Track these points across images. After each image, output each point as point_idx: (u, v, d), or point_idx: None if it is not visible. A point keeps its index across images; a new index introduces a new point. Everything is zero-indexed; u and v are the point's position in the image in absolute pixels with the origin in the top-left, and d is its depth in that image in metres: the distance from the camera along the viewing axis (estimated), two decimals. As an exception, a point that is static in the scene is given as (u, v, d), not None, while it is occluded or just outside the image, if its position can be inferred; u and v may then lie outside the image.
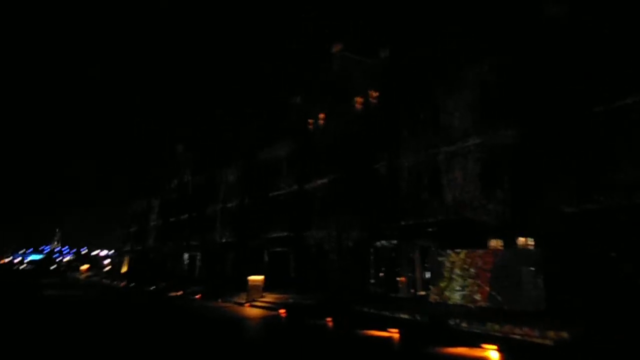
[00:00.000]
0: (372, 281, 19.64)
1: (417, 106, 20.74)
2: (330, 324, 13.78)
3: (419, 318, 12.34)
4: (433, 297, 15.29)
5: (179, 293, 25.78)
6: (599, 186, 14.05)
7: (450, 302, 14.59)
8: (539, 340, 9.18)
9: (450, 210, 18.54)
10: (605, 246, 13.53)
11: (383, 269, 19.39)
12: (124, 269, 57.36)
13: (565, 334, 8.96)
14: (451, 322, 11.27)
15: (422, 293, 17.55)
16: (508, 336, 9.76)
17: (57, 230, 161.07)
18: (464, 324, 10.99)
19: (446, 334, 10.80)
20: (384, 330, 12.18)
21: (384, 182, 21.74)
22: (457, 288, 14.42)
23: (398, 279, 19.20)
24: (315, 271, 25.27)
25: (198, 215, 41.05)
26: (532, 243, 15.47)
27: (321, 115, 27.17)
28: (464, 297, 14.19)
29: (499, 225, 16.78)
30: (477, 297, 13.80)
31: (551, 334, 9.12)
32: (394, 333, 11.87)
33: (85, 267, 60.53)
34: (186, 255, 42.39)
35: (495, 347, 9.50)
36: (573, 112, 14.80)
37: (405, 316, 12.74)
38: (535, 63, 16.10)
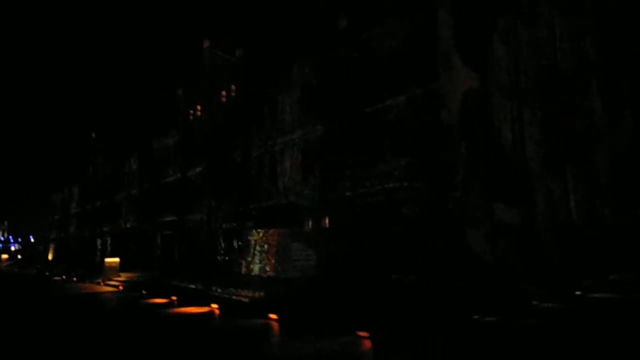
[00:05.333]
0: (219, 259, 22.25)
1: (262, 101, 23.09)
2: (145, 294, 16.29)
3: (199, 287, 14.91)
4: (244, 270, 17.97)
5: (63, 277, 27.63)
6: (369, 174, 16.93)
7: (253, 274, 17.28)
8: (244, 299, 11.89)
9: (281, 195, 21.22)
10: (368, 221, 16.49)
11: (225, 247, 22.03)
12: (50, 257, 57.98)
13: (262, 293, 11.69)
14: (213, 289, 13.89)
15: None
16: (231, 297, 12.43)
17: (5, 222, 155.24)
18: (219, 290, 13.61)
19: (202, 297, 13.39)
20: (168, 297, 14.71)
21: (240, 171, 24.18)
22: (257, 262, 17.11)
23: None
24: (192, 252, 27.61)
25: (109, 202, 42.36)
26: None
27: (198, 107, 29.10)
28: (260, 269, 16.90)
29: (311, 208, 19.60)
30: (268, 268, 16.54)
31: (257, 294, 11.83)
32: (172, 299, 14.41)
33: (5, 256, 60.94)
34: (99, 242, 43.75)
35: (217, 305, 12.18)
36: (354, 112, 17.53)
37: (192, 286, 15.30)
38: (335, 68, 18.68)
